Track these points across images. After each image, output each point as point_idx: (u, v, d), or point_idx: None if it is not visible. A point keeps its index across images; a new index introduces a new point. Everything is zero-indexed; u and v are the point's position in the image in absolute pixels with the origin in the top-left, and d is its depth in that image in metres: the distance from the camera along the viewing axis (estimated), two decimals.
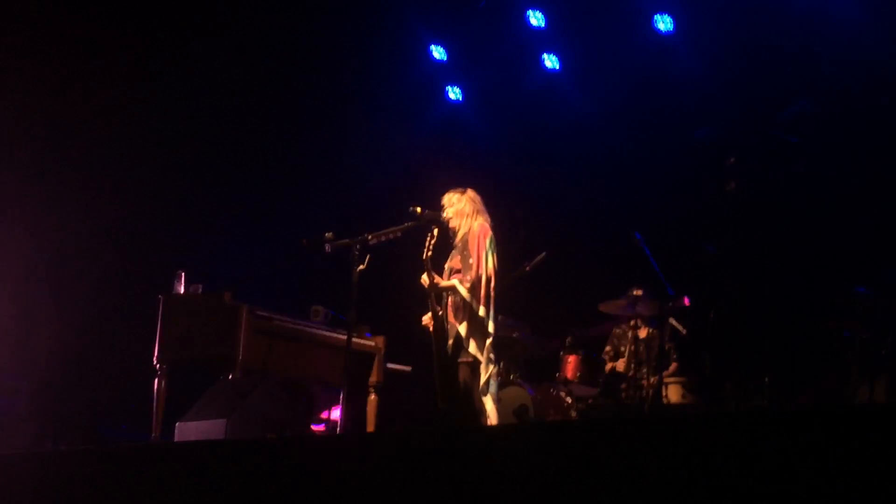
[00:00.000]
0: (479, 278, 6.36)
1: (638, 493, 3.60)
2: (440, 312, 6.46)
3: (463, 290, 6.33)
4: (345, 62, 10.61)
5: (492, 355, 6.33)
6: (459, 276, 6.40)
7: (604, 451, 3.77)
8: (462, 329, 6.36)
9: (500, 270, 6.56)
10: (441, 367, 6.39)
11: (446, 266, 6.53)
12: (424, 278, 6.38)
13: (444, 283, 6.41)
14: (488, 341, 6.34)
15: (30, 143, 9.66)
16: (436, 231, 6.43)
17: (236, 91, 10.45)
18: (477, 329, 6.35)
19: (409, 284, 7.07)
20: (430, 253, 6.36)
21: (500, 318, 6.66)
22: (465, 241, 6.48)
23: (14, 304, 9.42)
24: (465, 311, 6.36)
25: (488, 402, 6.27)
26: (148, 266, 9.46)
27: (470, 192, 6.68)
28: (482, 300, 6.36)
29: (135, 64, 10.02)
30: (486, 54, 10.67)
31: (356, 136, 10.73)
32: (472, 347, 6.33)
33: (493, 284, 6.44)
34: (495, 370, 6.36)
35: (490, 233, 6.52)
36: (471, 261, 6.38)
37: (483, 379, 6.28)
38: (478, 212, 6.61)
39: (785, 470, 3.39)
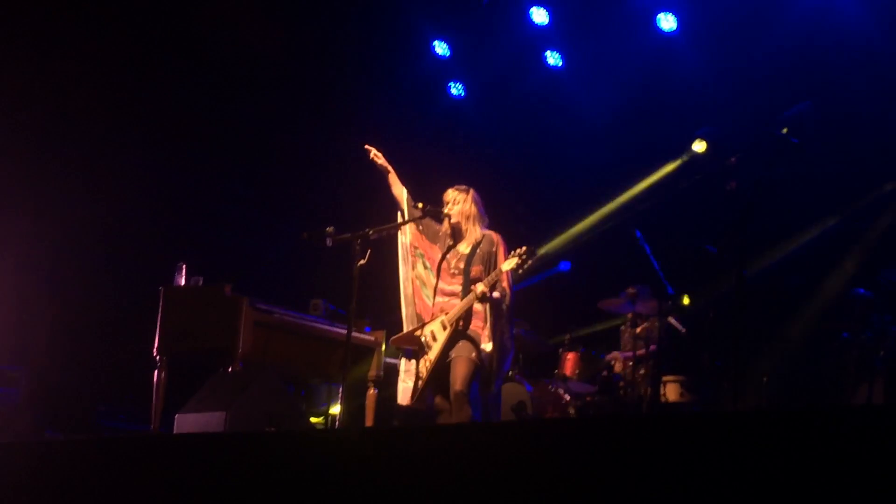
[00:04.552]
0: (509, 293, 6.44)
1: (635, 491, 3.61)
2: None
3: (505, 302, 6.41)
4: (348, 57, 10.59)
5: (497, 356, 6.36)
6: (483, 281, 6.39)
7: (601, 448, 3.77)
8: (485, 333, 6.38)
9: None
10: (439, 363, 6.37)
11: (453, 263, 6.52)
12: (484, 287, 6.32)
13: (497, 294, 6.39)
14: (495, 346, 6.37)
15: (29, 134, 9.64)
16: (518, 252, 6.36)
17: (238, 84, 10.44)
18: (497, 335, 6.40)
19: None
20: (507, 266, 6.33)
21: None
22: (488, 252, 6.49)
23: (13, 294, 9.42)
24: (497, 319, 6.38)
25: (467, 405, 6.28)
26: (149, 258, 9.46)
27: (473, 193, 6.68)
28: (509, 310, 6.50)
29: (135, 57, 10.01)
30: (489, 51, 10.65)
31: (358, 131, 10.71)
32: (486, 347, 6.35)
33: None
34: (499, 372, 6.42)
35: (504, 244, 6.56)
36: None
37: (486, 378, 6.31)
38: (482, 215, 6.64)
39: (782, 470, 3.40)
